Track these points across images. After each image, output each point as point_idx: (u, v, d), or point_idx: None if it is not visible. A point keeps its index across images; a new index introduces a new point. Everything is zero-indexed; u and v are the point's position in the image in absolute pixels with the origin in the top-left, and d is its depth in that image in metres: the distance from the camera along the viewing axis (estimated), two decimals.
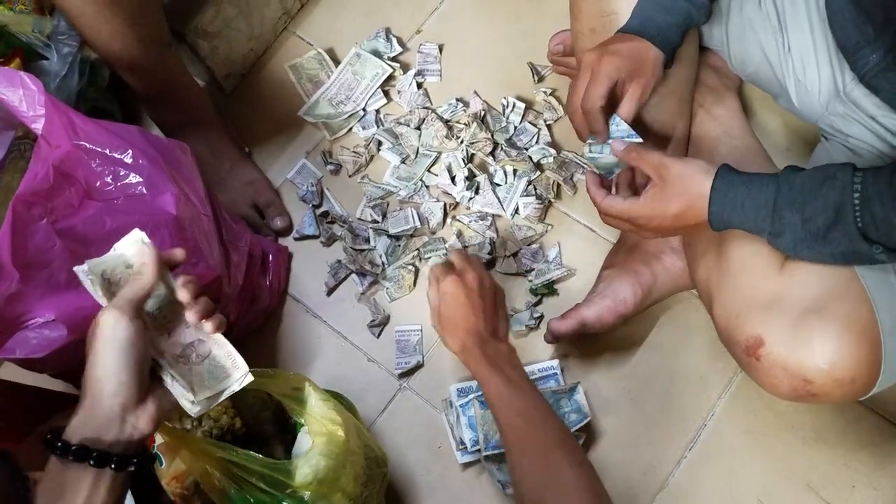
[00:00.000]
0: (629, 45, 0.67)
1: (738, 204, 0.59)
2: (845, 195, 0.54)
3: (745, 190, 0.59)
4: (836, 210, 0.55)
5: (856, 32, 0.64)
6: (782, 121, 0.92)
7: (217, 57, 0.98)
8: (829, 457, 0.81)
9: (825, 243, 0.56)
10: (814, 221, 0.56)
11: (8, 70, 0.67)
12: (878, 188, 0.54)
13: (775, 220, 0.57)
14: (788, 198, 0.57)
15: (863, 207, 0.54)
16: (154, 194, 0.67)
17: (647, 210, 0.63)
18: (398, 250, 0.92)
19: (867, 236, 0.54)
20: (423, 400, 0.87)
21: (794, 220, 0.57)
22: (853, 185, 0.54)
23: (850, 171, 0.55)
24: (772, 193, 0.57)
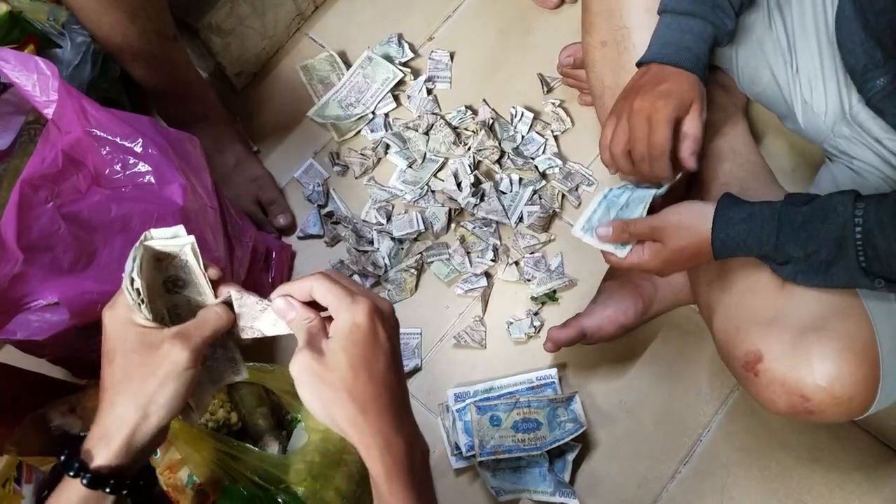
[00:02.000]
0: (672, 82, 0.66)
1: (740, 241, 0.60)
2: (847, 230, 0.55)
3: (745, 228, 0.60)
4: (837, 245, 0.56)
5: (864, 56, 0.65)
6: (788, 142, 0.93)
7: (229, 54, 0.99)
8: (823, 477, 0.81)
9: (827, 276, 0.57)
10: (816, 256, 0.57)
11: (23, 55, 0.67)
12: (880, 220, 0.54)
13: (778, 254, 0.59)
14: (791, 234, 0.58)
15: (865, 242, 0.55)
16: (162, 184, 0.68)
17: (657, 262, 0.65)
18: (401, 253, 0.92)
19: (869, 270, 0.55)
20: (420, 403, 0.87)
21: (797, 254, 0.58)
22: (854, 218, 0.55)
23: (851, 203, 0.56)
24: (773, 229, 0.58)
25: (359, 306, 0.42)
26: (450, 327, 0.90)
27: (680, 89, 0.66)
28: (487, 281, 0.90)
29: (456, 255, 0.91)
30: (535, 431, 0.80)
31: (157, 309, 0.45)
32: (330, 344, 0.42)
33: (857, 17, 0.65)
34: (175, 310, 0.47)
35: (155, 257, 0.45)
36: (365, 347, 0.42)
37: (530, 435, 0.80)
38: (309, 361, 0.42)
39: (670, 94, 0.66)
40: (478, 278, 0.90)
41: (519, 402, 0.81)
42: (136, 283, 0.43)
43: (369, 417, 0.42)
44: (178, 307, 0.47)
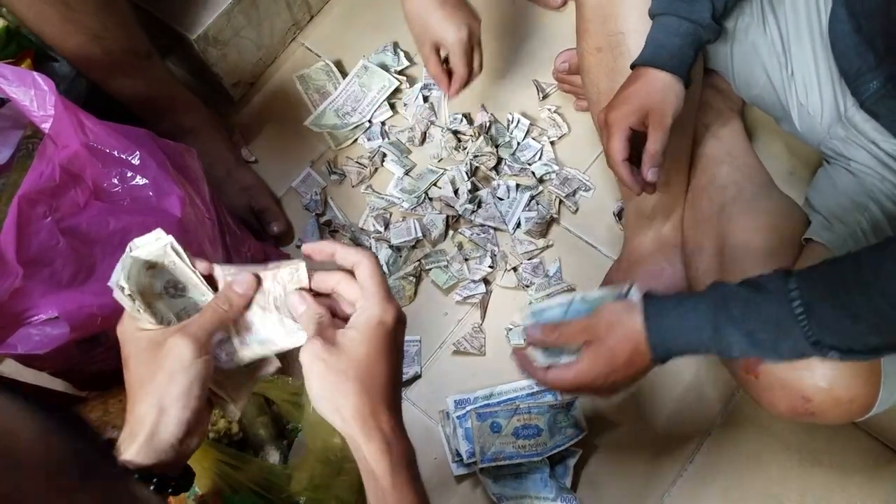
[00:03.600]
0: (635, 88, 0.66)
1: (676, 331, 0.56)
2: (783, 307, 0.52)
3: (678, 313, 0.56)
4: (776, 323, 0.53)
5: (857, 59, 0.66)
6: (785, 145, 0.93)
7: (225, 65, 0.99)
8: (824, 479, 0.81)
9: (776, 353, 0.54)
10: (757, 335, 0.54)
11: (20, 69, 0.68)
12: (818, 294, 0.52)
13: (718, 338, 0.55)
14: (725, 314, 0.54)
15: (809, 317, 0.52)
16: (160, 196, 0.68)
17: (596, 368, 0.58)
18: (399, 261, 0.92)
19: (821, 343, 0.52)
20: (421, 411, 0.87)
21: (737, 336, 0.54)
22: (788, 293, 0.52)
23: (781, 281, 0.53)
24: (709, 311, 0.55)
25: (391, 306, 0.43)
26: (449, 334, 0.90)
27: (642, 93, 0.65)
28: (486, 287, 0.91)
29: (454, 262, 0.91)
30: (535, 437, 0.80)
31: (162, 313, 0.45)
32: (349, 333, 0.43)
33: (849, 20, 0.66)
34: (184, 312, 0.47)
35: (146, 265, 0.45)
36: (385, 345, 0.43)
37: (531, 441, 0.80)
38: (320, 350, 0.42)
39: (628, 102, 0.65)
40: (476, 285, 0.90)
41: (519, 408, 0.81)
42: (125, 290, 0.43)
43: (378, 411, 0.42)
44: (187, 310, 0.47)
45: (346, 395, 0.42)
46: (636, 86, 0.66)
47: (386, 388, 0.43)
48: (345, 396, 0.42)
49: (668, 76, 0.66)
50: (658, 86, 0.66)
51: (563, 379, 0.59)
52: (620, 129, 0.65)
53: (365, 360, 0.42)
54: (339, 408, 0.42)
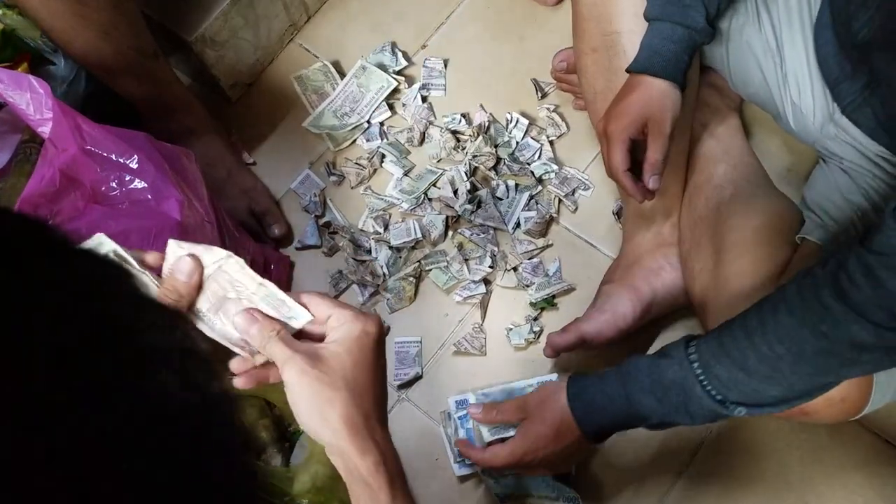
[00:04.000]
0: (632, 98, 0.67)
1: (596, 404, 0.61)
2: (684, 369, 0.56)
3: (596, 387, 0.61)
4: (681, 386, 0.56)
5: (836, 67, 0.66)
6: (783, 142, 0.93)
7: (223, 66, 0.99)
8: (825, 476, 0.81)
9: (689, 416, 0.57)
10: (666, 400, 0.57)
11: (16, 73, 0.68)
12: (712, 352, 0.55)
13: (632, 407, 0.59)
14: (636, 384, 0.58)
15: (707, 375, 0.55)
16: (158, 200, 0.68)
17: (527, 442, 0.64)
18: (399, 262, 0.92)
19: (727, 400, 0.55)
20: (422, 412, 0.87)
21: (650, 402, 0.58)
22: (688, 356, 0.56)
23: (682, 346, 0.57)
24: (620, 383, 0.59)
25: (369, 317, 0.42)
26: (450, 335, 0.90)
27: (640, 103, 0.66)
28: (486, 287, 0.91)
29: (454, 263, 0.91)
30: None
31: None
32: (331, 347, 0.41)
33: (832, 26, 0.66)
34: None
35: None
36: (371, 355, 0.42)
37: None
38: (305, 364, 0.40)
39: (626, 113, 0.66)
40: (476, 285, 0.90)
41: None
42: None
43: (370, 422, 0.41)
44: None
45: (336, 406, 0.40)
46: (634, 96, 0.67)
47: (375, 399, 0.42)
48: (335, 408, 0.40)
49: (665, 83, 0.66)
50: (655, 94, 0.66)
51: (497, 455, 0.65)
52: (620, 140, 0.66)
53: (352, 370, 0.40)
54: (328, 421, 0.40)
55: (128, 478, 0.19)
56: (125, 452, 0.19)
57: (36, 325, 0.19)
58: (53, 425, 0.18)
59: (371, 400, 0.41)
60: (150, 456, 0.19)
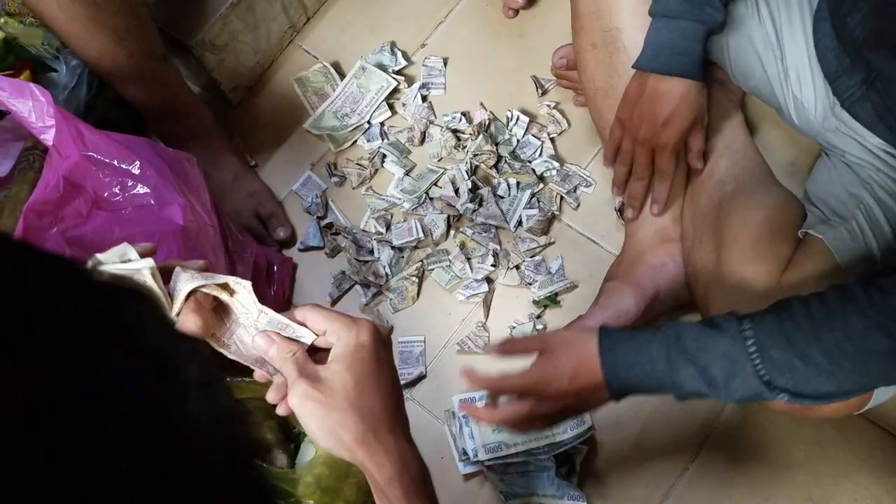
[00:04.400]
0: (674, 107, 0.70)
1: (629, 360, 0.56)
2: (736, 343, 0.53)
3: (632, 344, 0.57)
4: (729, 360, 0.53)
5: (835, 61, 0.66)
6: (785, 135, 0.92)
7: (224, 70, 0.99)
8: (831, 470, 0.81)
9: (727, 392, 0.54)
10: (709, 371, 0.54)
11: (18, 81, 0.68)
12: (771, 333, 0.52)
13: (670, 371, 0.55)
14: (678, 347, 0.55)
15: (761, 355, 0.52)
16: (161, 205, 0.68)
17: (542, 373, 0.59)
18: (402, 262, 0.92)
19: (773, 384, 0.53)
20: (426, 411, 0.87)
21: (690, 370, 0.55)
22: (742, 333, 0.53)
23: (733, 321, 0.54)
24: (663, 343, 0.55)
25: (362, 326, 0.43)
26: (453, 334, 0.90)
27: (682, 112, 0.71)
28: (488, 286, 0.91)
29: (456, 262, 0.91)
30: (540, 434, 0.80)
31: None
32: (332, 366, 0.42)
33: (830, 20, 0.66)
34: None
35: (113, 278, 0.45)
36: (371, 365, 0.42)
37: (535, 437, 0.80)
38: (308, 389, 0.41)
39: (673, 123, 0.71)
40: (479, 284, 0.91)
41: None
42: None
43: (380, 435, 0.41)
44: None
45: (345, 426, 0.41)
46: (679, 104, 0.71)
47: (385, 409, 0.42)
48: (344, 428, 0.41)
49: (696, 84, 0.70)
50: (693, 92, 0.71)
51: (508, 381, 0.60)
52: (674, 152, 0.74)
53: (354, 386, 0.41)
54: (342, 441, 0.41)
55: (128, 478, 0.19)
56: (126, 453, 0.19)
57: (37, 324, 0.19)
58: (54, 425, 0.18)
59: (381, 410, 0.42)
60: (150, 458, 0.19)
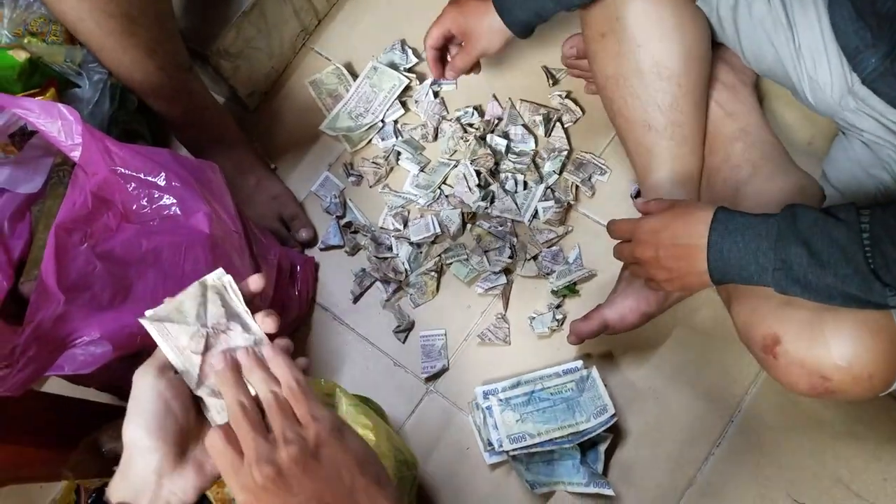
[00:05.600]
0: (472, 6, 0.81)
1: (738, 236, 0.57)
2: (852, 232, 0.52)
3: (745, 221, 0.58)
4: (842, 249, 0.53)
5: (855, 37, 0.65)
6: (802, 114, 0.91)
7: (239, 76, 1.01)
8: (858, 450, 0.81)
9: (836, 279, 0.53)
10: (820, 256, 0.53)
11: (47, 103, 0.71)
12: (888, 227, 0.52)
13: (779, 250, 0.55)
14: (793, 230, 0.55)
15: (873, 247, 0.52)
16: (187, 214, 0.70)
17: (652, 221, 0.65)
18: (420, 257, 0.94)
19: (880, 278, 0.52)
20: (450, 402, 0.89)
21: (800, 252, 0.54)
22: (860, 224, 0.53)
23: (854, 212, 0.53)
24: (774, 224, 0.56)
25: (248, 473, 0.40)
26: (473, 326, 0.92)
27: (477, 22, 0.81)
28: (507, 278, 0.92)
29: (474, 255, 0.93)
30: (564, 422, 0.81)
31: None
32: None
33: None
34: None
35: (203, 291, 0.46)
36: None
37: (559, 426, 0.81)
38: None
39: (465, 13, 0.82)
40: (497, 276, 0.92)
41: (545, 394, 0.83)
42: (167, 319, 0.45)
43: None
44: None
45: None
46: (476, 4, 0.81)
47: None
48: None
49: (498, 20, 0.78)
50: (486, 20, 0.80)
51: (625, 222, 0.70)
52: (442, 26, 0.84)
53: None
54: None
55: None
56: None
57: None
58: None
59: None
60: None
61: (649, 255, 0.64)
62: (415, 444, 0.86)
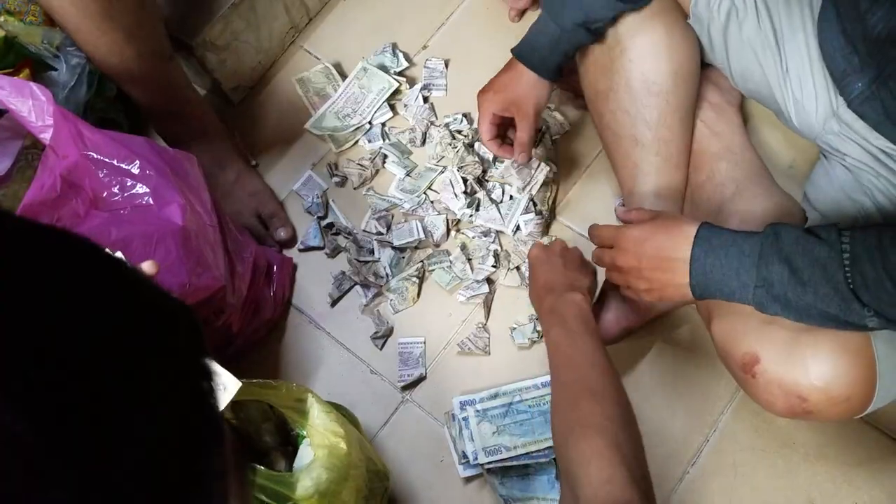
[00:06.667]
0: (505, 79, 0.79)
1: (721, 252, 0.57)
2: (833, 251, 0.53)
3: (729, 237, 0.58)
4: (823, 268, 0.53)
5: (843, 61, 0.65)
6: (784, 138, 0.92)
7: (225, 70, 0.99)
8: (830, 473, 0.81)
9: (816, 298, 0.54)
10: (801, 274, 0.54)
11: (18, 80, 0.68)
12: (867, 247, 0.52)
13: (761, 268, 0.55)
14: (775, 249, 0.55)
15: (853, 267, 0.52)
16: (161, 205, 0.68)
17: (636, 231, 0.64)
18: (402, 262, 0.92)
19: (859, 298, 0.52)
20: (426, 413, 0.87)
21: (781, 270, 0.54)
22: (840, 244, 0.53)
23: (834, 231, 0.54)
24: (757, 242, 0.56)
25: None
26: (453, 335, 0.90)
27: (510, 87, 0.78)
28: (489, 287, 0.91)
29: (457, 263, 0.91)
30: (541, 436, 0.80)
31: None
32: None
33: (837, 21, 0.65)
34: None
35: None
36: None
37: (535, 439, 0.80)
38: None
39: (497, 91, 0.79)
40: (479, 285, 0.90)
41: (524, 406, 0.81)
42: None
43: None
44: None
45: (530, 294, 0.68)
46: (506, 77, 0.79)
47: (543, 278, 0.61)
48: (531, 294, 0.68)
49: (533, 75, 0.76)
50: (524, 82, 0.77)
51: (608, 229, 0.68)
52: (486, 114, 0.80)
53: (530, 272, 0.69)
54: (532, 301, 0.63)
55: None
56: None
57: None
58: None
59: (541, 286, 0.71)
60: None
61: (631, 265, 0.64)
62: (388, 455, 0.84)
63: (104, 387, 0.19)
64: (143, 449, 0.19)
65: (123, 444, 0.19)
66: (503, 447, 0.79)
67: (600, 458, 0.54)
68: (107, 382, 0.19)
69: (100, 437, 0.19)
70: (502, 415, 0.82)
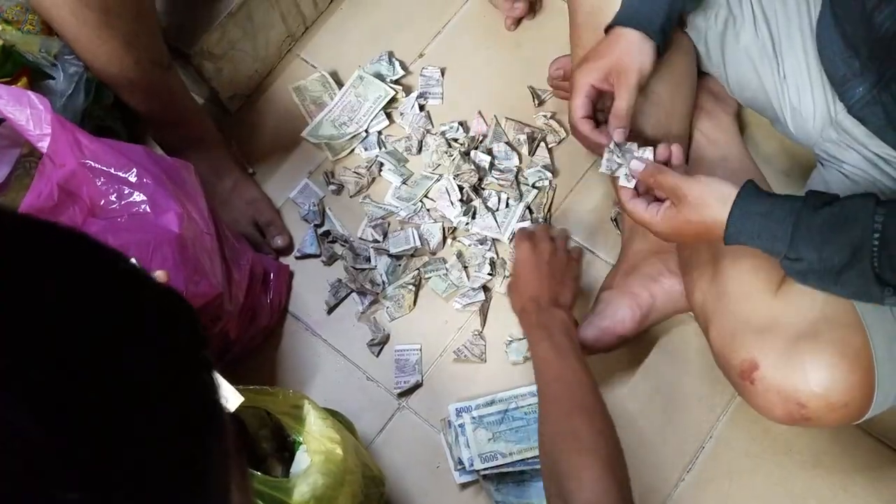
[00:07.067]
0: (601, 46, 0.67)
1: (753, 234, 0.58)
2: (865, 236, 0.53)
3: (761, 222, 0.58)
4: (853, 251, 0.54)
5: (843, 65, 0.66)
6: (780, 146, 0.93)
7: (222, 78, 1.00)
8: (827, 481, 0.81)
9: (838, 281, 0.55)
10: (830, 260, 0.55)
11: (15, 89, 0.68)
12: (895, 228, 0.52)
13: (791, 251, 0.57)
14: (806, 236, 0.56)
15: (881, 249, 0.53)
16: (158, 213, 0.68)
17: (664, 227, 0.63)
18: (398, 270, 0.92)
19: (881, 278, 0.53)
20: (422, 419, 0.87)
21: (811, 257, 0.56)
22: (874, 224, 0.53)
23: (872, 209, 0.54)
24: (789, 228, 0.56)
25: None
26: (449, 342, 0.90)
27: (607, 51, 0.66)
28: (485, 294, 0.91)
29: (453, 270, 0.91)
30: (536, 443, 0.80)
31: None
32: None
33: (836, 25, 0.66)
34: None
35: None
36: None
37: (531, 446, 0.80)
38: None
39: (592, 59, 0.67)
40: (476, 292, 0.91)
41: (519, 413, 0.81)
42: None
43: None
44: None
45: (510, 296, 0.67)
46: (603, 45, 0.67)
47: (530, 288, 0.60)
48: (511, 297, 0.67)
49: (637, 34, 0.65)
50: (624, 43, 0.66)
51: (636, 211, 0.63)
52: (582, 86, 0.66)
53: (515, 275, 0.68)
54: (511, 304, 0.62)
55: None
56: None
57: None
58: None
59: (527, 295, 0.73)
60: None
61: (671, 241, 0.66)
62: (384, 461, 0.84)
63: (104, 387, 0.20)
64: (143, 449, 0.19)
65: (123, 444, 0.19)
66: (499, 454, 0.79)
67: (592, 471, 0.55)
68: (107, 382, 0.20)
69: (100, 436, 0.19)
70: (498, 421, 0.82)
